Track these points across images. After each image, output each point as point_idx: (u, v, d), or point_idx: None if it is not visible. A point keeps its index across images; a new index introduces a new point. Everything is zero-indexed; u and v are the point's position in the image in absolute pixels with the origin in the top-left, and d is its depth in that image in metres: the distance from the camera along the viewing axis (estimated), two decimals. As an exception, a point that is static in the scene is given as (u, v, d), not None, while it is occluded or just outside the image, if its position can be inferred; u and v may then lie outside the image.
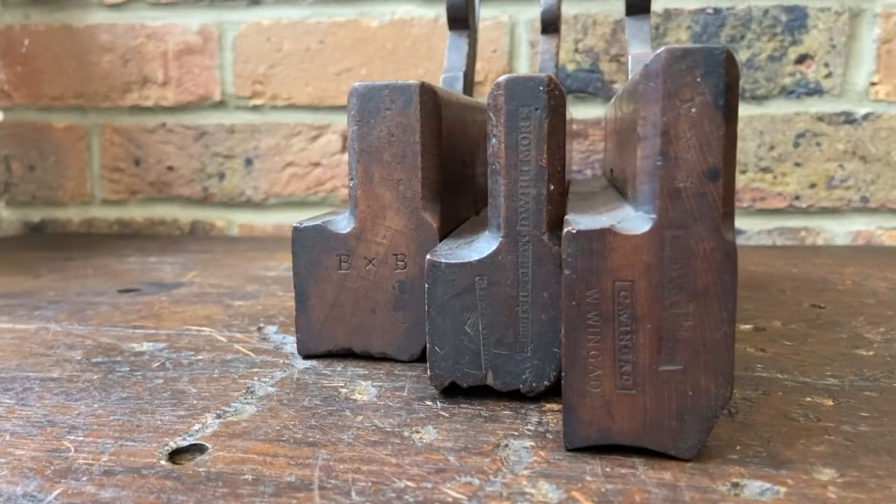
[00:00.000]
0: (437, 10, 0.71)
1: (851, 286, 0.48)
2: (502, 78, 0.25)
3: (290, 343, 0.36)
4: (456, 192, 0.35)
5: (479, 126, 0.42)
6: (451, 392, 0.29)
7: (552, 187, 0.26)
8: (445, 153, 0.32)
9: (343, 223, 0.32)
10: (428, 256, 0.27)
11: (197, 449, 0.24)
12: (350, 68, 0.73)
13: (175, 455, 0.24)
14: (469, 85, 0.48)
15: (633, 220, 0.22)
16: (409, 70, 0.73)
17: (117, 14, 0.76)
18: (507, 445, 0.24)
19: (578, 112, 0.71)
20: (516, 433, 0.25)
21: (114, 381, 0.31)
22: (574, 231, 0.22)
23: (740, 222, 0.69)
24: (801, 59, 0.67)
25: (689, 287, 0.21)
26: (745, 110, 0.68)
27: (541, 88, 0.25)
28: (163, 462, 0.23)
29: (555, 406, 0.27)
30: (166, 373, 0.32)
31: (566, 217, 0.25)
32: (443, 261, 0.27)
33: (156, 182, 0.78)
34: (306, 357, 0.34)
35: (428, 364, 0.28)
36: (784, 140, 0.68)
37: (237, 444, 0.24)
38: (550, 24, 0.43)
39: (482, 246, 0.27)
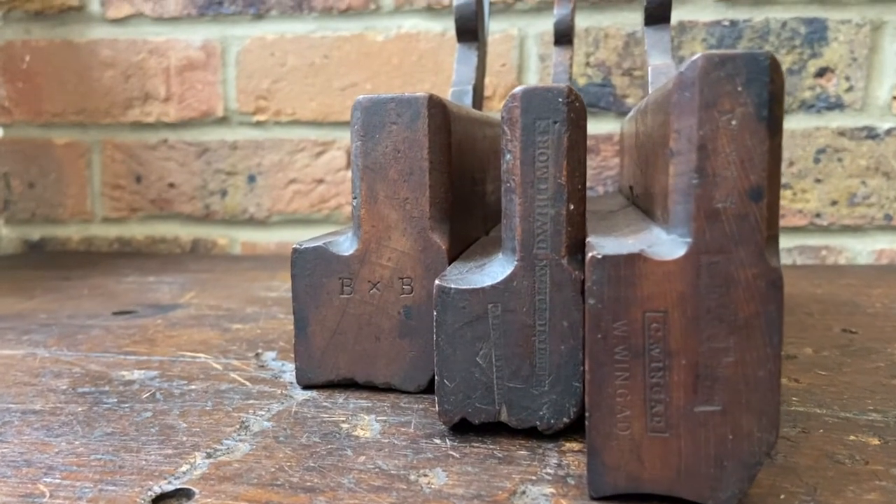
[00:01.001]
0: (444, 23, 0.70)
1: (882, 309, 0.46)
2: (518, 89, 0.23)
3: (289, 371, 0.34)
4: (465, 212, 0.33)
5: (489, 141, 0.40)
6: (462, 429, 0.26)
7: (572, 207, 0.24)
8: (455, 170, 0.30)
9: (346, 244, 0.30)
10: (437, 281, 0.25)
11: (183, 494, 0.22)
12: (355, 83, 0.72)
13: (158, 502, 0.21)
14: (478, 98, 0.46)
15: (665, 244, 0.20)
16: (415, 85, 0.71)
17: (119, 29, 0.75)
18: (524, 492, 0.22)
19: (590, 127, 0.69)
20: (534, 477, 0.23)
21: (99, 415, 0.28)
22: (599, 256, 0.20)
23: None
24: (821, 73, 0.65)
25: (728, 319, 0.19)
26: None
27: (560, 100, 0.23)
28: (144, 510, 0.21)
29: (575, 445, 0.25)
30: (156, 405, 0.30)
31: (588, 240, 0.23)
32: (453, 286, 0.25)
33: (157, 199, 0.76)
34: (306, 387, 0.31)
35: (436, 398, 0.26)
36: (804, 156, 0.66)
37: (227, 489, 0.22)
38: (564, 36, 0.42)
39: (495, 270, 0.25)
